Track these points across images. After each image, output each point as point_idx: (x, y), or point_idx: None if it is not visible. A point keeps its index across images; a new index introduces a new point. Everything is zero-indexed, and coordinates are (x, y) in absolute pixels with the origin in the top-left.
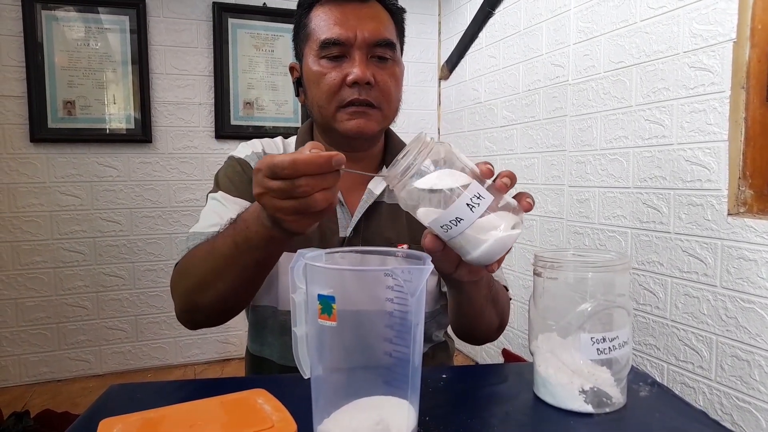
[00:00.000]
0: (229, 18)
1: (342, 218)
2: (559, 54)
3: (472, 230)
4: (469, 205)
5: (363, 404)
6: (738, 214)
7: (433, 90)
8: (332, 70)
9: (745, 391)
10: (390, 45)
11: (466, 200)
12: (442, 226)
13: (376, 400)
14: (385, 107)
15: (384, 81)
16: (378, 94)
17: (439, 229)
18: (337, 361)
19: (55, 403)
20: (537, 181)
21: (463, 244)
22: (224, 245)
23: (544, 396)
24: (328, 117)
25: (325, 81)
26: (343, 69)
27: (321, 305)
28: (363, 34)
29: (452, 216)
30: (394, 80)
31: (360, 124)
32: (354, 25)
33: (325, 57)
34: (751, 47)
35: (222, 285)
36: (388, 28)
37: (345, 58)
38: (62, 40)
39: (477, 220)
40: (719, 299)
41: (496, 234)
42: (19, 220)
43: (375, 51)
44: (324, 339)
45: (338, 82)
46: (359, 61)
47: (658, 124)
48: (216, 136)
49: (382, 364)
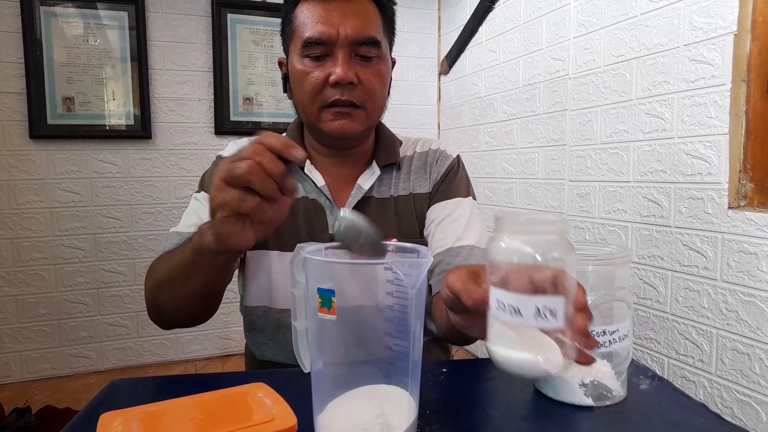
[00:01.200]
0: (228, 13)
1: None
2: (559, 48)
3: (515, 330)
4: (539, 311)
5: (363, 394)
6: (738, 207)
7: (433, 85)
8: (315, 70)
9: (745, 384)
10: (374, 43)
11: (540, 303)
12: (500, 300)
13: (376, 388)
14: (369, 106)
15: (368, 80)
16: (362, 93)
17: (495, 299)
18: (337, 355)
19: (57, 399)
20: (537, 175)
21: (497, 332)
22: (180, 254)
23: (545, 389)
24: (312, 116)
25: (308, 81)
26: (326, 68)
27: (321, 299)
28: (346, 32)
29: (517, 303)
30: (379, 78)
31: (343, 125)
32: (337, 22)
33: (308, 56)
34: (751, 40)
35: (175, 291)
36: (373, 24)
37: (328, 57)
38: (61, 37)
39: (529, 328)
40: (720, 293)
41: (525, 356)
42: (19, 217)
43: (359, 50)
44: (324, 333)
45: (321, 82)
46: (342, 60)
47: (659, 118)
48: (215, 132)
49: (383, 358)
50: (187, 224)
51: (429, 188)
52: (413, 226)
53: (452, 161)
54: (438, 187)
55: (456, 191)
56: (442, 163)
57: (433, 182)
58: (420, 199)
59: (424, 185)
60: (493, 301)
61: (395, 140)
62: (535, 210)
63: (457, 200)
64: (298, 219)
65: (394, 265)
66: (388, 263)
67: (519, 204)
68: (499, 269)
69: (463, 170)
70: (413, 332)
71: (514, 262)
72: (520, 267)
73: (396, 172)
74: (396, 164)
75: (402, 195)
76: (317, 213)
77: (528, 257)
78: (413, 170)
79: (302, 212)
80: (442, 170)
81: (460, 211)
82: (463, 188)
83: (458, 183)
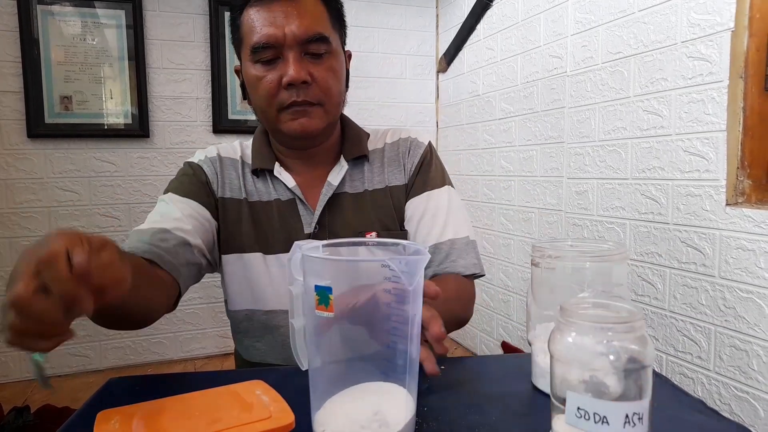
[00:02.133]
0: (226, 11)
1: (305, 215)
2: (557, 45)
3: None
4: (628, 418)
5: (360, 391)
6: (736, 204)
7: (431, 83)
8: (268, 73)
9: (743, 380)
10: (323, 39)
11: (630, 412)
12: (581, 408)
13: (374, 385)
14: (326, 102)
15: (321, 77)
16: (317, 91)
17: (574, 406)
18: (335, 353)
19: (56, 398)
20: (535, 173)
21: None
22: None
23: (542, 386)
24: (271, 120)
25: (262, 85)
26: (278, 71)
27: (318, 296)
28: (292, 32)
29: (604, 411)
30: (333, 74)
31: (302, 123)
32: (282, 23)
33: (259, 61)
34: (749, 36)
35: None
36: (320, 21)
37: (279, 59)
38: (58, 36)
39: None
40: (717, 289)
41: None
42: (17, 216)
43: (308, 48)
44: (321, 330)
45: (275, 85)
46: (292, 60)
47: (656, 115)
48: (214, 131)
49: (380, 355)
50: (148, 224)
51: (405, 180)
52: (392, 219)
53: (425, 150)
54: (414, 179)
55: (432, 182)
56: (414, 152)
57: (408, 173)
58: (397, 191)
59: (399, 177)
60: (571, 406)
61: (361, 133)
62: (535, 209)
63: (435, 192)
64: (273, 221)
65: (391, 262)
66: (386, 260)
67: (517, 201)
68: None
69: (436, 158)
70: (411, 329)
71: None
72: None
73: (368, 166)
74: (365, 157)
75: (378, 188)
76: (291, 214)
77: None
78: (386, 162)
79: (277, 214)
80: (416, 160)
81: (438, 204)
82: (438, 178)
83: (434, 173)
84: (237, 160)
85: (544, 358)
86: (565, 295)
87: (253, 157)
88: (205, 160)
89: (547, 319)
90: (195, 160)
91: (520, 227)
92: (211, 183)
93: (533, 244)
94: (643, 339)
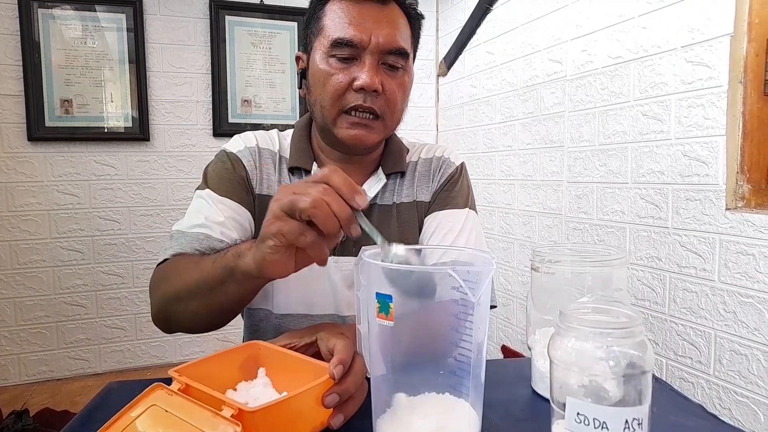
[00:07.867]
0: (227, 15)
1: None
2: (557, 50)
3: None
4: (628, 424)
5: (423, 402)
6: (736, 208)
7: (431, 87)
8: (340, 72)
9: (743, 385)
10: (403, 54)
11: (630, 417)
12: (581, 413)
13: (437, 398)
14: (388, 117)
15: (392, 90)
16: (383, 103)
17: (576, 415)
18: (396, 361)
19: (55, 401)
20: (535, 177)
21: None
22: (208, 268)
23: (542, 391)
24: (329, 119)
25: (331, 82)
26: (351, 72)
27: (379, 304)
28: (377, 39)
29: (604, 416)
30: (402, 90)
31: (359, 135)
32: (370, 28)
33: (335, 56)
34: (748, 42)
35: (196, 304)
36: (404, 35)
37: (355, 60)
38: (59, 39)
39: None
40: (717, 294)
41: None
42: (17, 219)
43: (387, 58)
44: (382, 338)
45: (345, 85)
46: (369, 66)
47: (656, 120)
48: (214, 134)
49: (444, 368)
50: (190, 224)
51: (430, 196)
52: (415, 234)
53: (454, 169)
54: (437, 195)
55: (453, 201)
56: (444, 171)
57: (432, 190)
58: (422, 207)
59: (427, 193)
60: (574, 414)
61: (403, 148)
62: (535, 213)
63: (454, 211)
64: None
65: (456, 272)
66: (450, 270)
67: (517, 205)
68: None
69: (465, 179)
70: (476, 342)
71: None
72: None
73: (400, 179)
74: (401, 172)
75: (405, 202)
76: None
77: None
78: (417, 177)
79: None
80: (444, 179)
81: (453, 223)
82: (461, 199)
83: (457, 193)
84: (275, 152)
85: (543, 363)
86: (564, 299)
87: (292, 153)
88: (244, 151)
89: (546, 323)
90: (234, 150)
91: (519, 231)
92: (250, 179)
93: (533, 249)
94: (642, 344)
